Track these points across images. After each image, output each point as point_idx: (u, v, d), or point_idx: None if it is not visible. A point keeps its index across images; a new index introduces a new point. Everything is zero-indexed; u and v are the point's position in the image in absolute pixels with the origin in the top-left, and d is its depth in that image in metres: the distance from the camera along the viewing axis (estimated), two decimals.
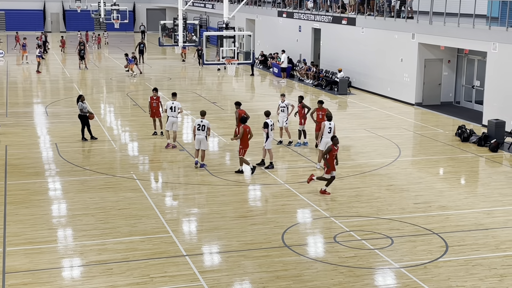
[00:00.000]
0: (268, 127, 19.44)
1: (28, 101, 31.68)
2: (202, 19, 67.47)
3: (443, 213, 15.97)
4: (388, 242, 14.03)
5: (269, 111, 20.29)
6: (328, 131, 18.99)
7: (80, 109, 22.63)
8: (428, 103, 30.44)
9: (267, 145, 19.61)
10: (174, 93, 22.59)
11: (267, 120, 19.58)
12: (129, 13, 65.30)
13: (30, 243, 13.82)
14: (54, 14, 75.52)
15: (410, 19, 30.78)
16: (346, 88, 34.21)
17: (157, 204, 16.44)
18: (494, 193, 17.68)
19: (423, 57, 30.32)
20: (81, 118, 22.78)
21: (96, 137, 23.15)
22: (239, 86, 38.71)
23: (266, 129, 19.46)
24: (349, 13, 36.12)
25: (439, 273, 12.48)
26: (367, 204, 16.53)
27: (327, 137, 18.70)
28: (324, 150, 17.62)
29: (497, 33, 25.07)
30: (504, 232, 14.72)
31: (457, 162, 20.96)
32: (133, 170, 19.49)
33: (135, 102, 31.19)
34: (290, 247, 13.70)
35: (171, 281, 12.07)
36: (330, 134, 18.75)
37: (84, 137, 22.87)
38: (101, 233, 14.43)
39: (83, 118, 22.74)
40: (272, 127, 19.64)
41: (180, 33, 31.02)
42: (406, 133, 25.17)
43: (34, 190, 17.58)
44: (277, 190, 17.71)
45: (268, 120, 19.59)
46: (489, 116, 24.91)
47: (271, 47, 45.64)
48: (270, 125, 19.51)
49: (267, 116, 19.87)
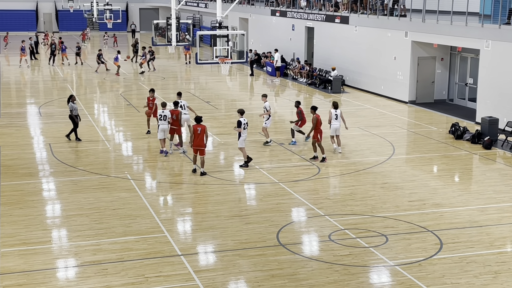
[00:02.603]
0: (241, 126, 19.31)
1: (21, 101, 31.59)
2: (195, 18, 67.41)
3: (437, 210, 16.01)
4: (382, 240, 14.05)
5: (243, 109, 20.15)
6: (335, 117, 20.98)
7: (71, 109, 22.52)
8: (422, 101, 30.50)
9: (239, 143, 19.55)
10: (179, 93, 22.80)
11: (241, 119, 19.42)
12: (122, 12, 65.19)
13: (24, 244, 13.78)
14: (46, 14, 75.32)
15: (403, 17, 30.83)
16: (339, 86, 34.24)
17: (151, 204, 16.42)
18: (488, 190, 17.73)
19: (416, 55, 30.37)
20: (71, 119, 22.67)
21: (81, 139, 22.95)
22: (233, 85, 38.70)
23: (239, 128, 19.29)
24: (342, 11, 36.16)
25: (434, 271, 12.51)
26: (361, 202, 16.55)
27: (335, 124, 20.97)
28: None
29: (490, 30, 25.14)
30: (498, 229, 14.77)
31: (451, 159, 21.01)
32: (127, 170, 19.46)
33: (129, 102, 31.14)
34: (285, 246, 13.71)
35: (166, 280, 12.06)
36: (337, 121, 20.98)
37: (69, 137, 22.68)
38: (95, 233, 14.40)
39: (72, 119, 22.62)
40: (245, 125, 19.45)
41: (173, 32, 31.00)
42: (400, 131, 25.22)
43: (28, 190, 17.53)
44: (271, 189, 17.71)
45: (242, 119, 19.42)
46: (482, 114, 24.98)
47: (264, 46, 45.64)
48: (243, 124, 19.35)
49: (241, 114, 19.65)
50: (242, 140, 19.49)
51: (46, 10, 75.23)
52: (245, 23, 50.72)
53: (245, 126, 19.45)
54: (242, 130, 19.29)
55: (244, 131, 19.39)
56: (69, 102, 22.63)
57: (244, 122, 19.35)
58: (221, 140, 23.09)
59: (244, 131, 19.42)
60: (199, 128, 18.54)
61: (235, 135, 23.36)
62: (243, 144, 19.57)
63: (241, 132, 19.32)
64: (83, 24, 69.78)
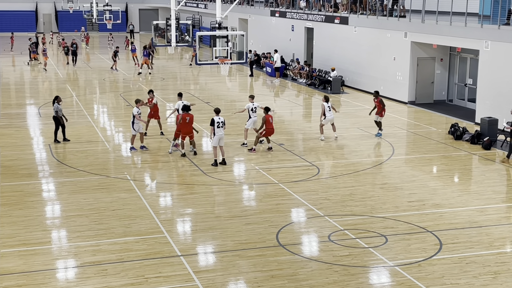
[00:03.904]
0: (214, 125, 19.43)
1: (20, 102, 31.59)
2: (195, 19, 67.43)
3: (436, 211, 16.02)
4: (382, 240, 14.06)
5: (219, 108, 20.26)
6: (328, 109, 22.82)
7: (56, 110, 22.48)
8: (421, 102, 30.51)
9: (213, 142, 19.71)
10: (180, 94, 22.88)
11: (215, 117, 19.59)
12: (121, 13, 65.20)
13: (24, 244, 13.79)
14: (46, 15, 75.32)
15: (403, 17, 30.85)
16: (339, 87, 34.25)
17: (151, 204, 16.42)
18: (488, 190, 17.74)
19: (415, 56, 30.39)
20: (55, 120, 22.65)
21: (69, 139, 22.92)
22: (232, 86, 38.70)
23: (212, 126, 19.48)
24: (341, 12, 36.17)
25: (433, 271, 12.52)
26: (361, 203, 16.56)
27: (329, 115, 22.83)
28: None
29: (489, 31, 25.15)
30: (498, 230, 14.78)
31: (450, 160, 21.02)
32: (126, 171, 19.47)
33: (128, 102, 31.14)
34: (284, 247, 13.72)
35: (166, 281, 12.06)
36: (330, 112, 22.84)
37: (57, 139, 22.68)
38: (95, 234, 14.41)
39: (57, 120, 22.59)
40: (218, 124, 19.51)
41: (172, 33, 31.01)
42: (399, 132, 25.22)
43: (27, 191, 17.53)
44: (271, 189, 17.72)
45: (216, 117, 19.59)
46: (481, 114, 24.98)
47: (264, 47, 45.65)
48: (216, 123, 19.45)
49: (217, 113, 19.81)
50: (215, 139, 19.58)
51: (46, 11, 75.22)
52: (244, 23, 50.73)
53: (220, 125, 19.53)
54: (215, 129, 19.47)
55: (217, 129, 19.47)
56: (54, 103, 22.56)
57: (216, 121, 19.46)
58: None
59: (218, 129, 19.50)
60: (187, 118, 20.16)
61: (234, 136, 23.41)
62: (216, 143, 19.64)
63: (215, 131, 19.47)
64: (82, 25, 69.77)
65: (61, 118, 22.54)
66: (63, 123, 22.67)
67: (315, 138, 23.46)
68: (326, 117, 22.87)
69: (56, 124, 22.63)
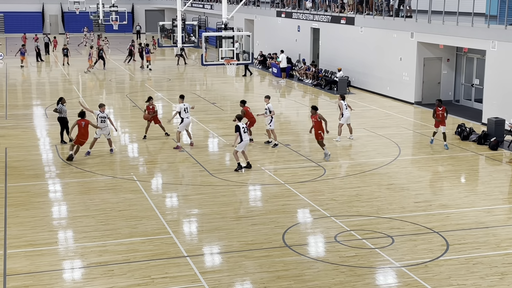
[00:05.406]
0: (240, 130, 19.09)
1: (27, 103, 31.68)
2: (201, 19, 67.48)
3: (443, 211, 15.97)
4: (388, 241, 14.03)
5: (241, 115, 20.02)
6: (345, 107, 23.11)
7: (59, 111, 22.51)
8: (428, 102, 30.42)
9: (238, 147, 19.24)
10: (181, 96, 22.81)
11: (239, 123, 19.18)
12: (127, 14, 65.30)
13: (30, 245, 13.82)
14: (52, 16, 75.51)
15: (409, 18, 30.79)
16: (345, 87, 34.20)
17: (157, 205, 16.44)
18: (495, 191, 17.68)
19: (422, 56, 30.33)
20: (60, 121, 22.67)
21: (66, 141, 22.82)
22: (239, 86, 38.70)
23: (237, 132, 19.09)
24: (347, 12, 36.13)
25: (440, 272, 12.48)
26: (367, 204, 16.53)
27: (347, 113, 23.12)
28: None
29: (496, 31, 25.07)
30: (505, 230, 14.73)
31: (457, 160, 20.96)
32: (133, 171, 19.49)
33: (135, 103, 31.18)
34: (291, 247, 13.71)
35: (172, 282, 12.07)
36: (347, 110, 23.14)
37: (63, 140, 22.72)
38: (101, 234, 14.43)
39: (62, 120, 22.62)
40: (244, 129, 19.15)
41: (179, 34, 31.06)
42: (406, 132, 25.17)
43: (34, 192, 17.58)
44: (277, 190, 17.71)
45: (240, 124, 19.19)
46: (488, 114, 24.91)
47: (270, 47, 45.64)
48: (241, 128, 19.06)
49: (239, 119, 19.40)
50: (242, 145, 19.20)
51: (52, 12, 75.41)
52: (250, 24, 50.73)
53: (245, 130, 19.29)
54: (242, 134, 19.04)
55: (244, 135, 19.13)
56: (59, 104, 22.60)
57: (241, 127, 19.10)
58: (227, 141, 23.09)
59: (244, 135, 19.19)
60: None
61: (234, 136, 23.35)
62: (241, 148, 19.33)
63: (242, 136, 19.04)
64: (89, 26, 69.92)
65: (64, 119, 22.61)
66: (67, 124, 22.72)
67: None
68: (343, 116, 23.11)
69: (62, 125, 22.68)
